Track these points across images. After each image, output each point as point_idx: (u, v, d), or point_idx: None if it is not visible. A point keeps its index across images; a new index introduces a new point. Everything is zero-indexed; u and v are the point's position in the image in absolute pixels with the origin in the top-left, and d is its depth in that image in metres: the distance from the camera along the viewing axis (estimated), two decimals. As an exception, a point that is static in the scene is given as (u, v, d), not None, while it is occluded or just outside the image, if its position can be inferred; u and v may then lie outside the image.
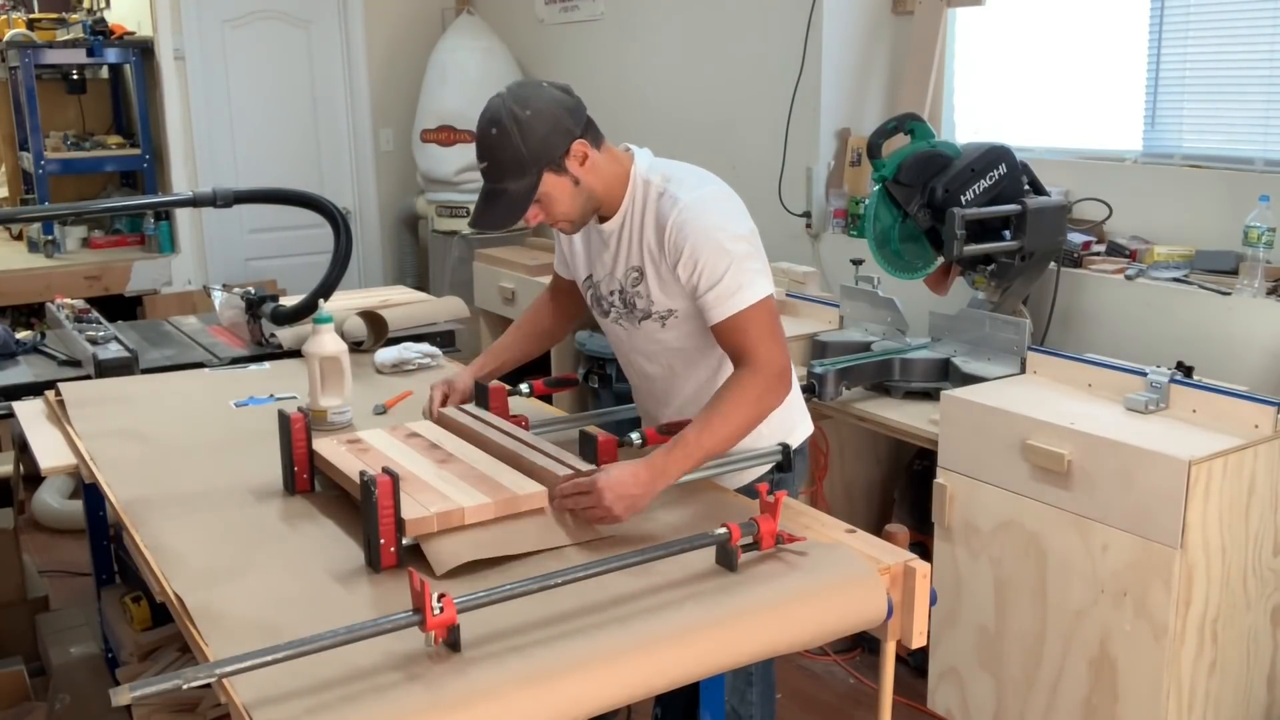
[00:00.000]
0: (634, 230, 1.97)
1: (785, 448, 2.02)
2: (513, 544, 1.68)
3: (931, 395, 2.93)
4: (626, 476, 1.72)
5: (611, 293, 2.05)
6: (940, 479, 2.69)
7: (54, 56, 5.42)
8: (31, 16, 5.72)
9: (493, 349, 2.27)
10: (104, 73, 5.92)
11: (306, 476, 1.96)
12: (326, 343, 2.23)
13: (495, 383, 2.16)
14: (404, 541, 1.65)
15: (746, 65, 4.28)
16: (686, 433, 1.79)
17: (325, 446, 1.95)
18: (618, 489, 1.71)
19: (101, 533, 3.04)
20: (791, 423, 2.11)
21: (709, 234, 1.88)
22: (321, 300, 2.39)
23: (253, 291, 3.18)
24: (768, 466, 2.03)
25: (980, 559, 2.64)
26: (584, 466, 1.81)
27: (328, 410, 2.23)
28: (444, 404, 2.14)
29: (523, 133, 1.81)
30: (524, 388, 2.27)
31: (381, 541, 1.63)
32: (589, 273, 2.10)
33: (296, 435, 1.93)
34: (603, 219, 1.99)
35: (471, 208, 5.64)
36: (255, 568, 1.67)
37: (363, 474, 1.64)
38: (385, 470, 1.63)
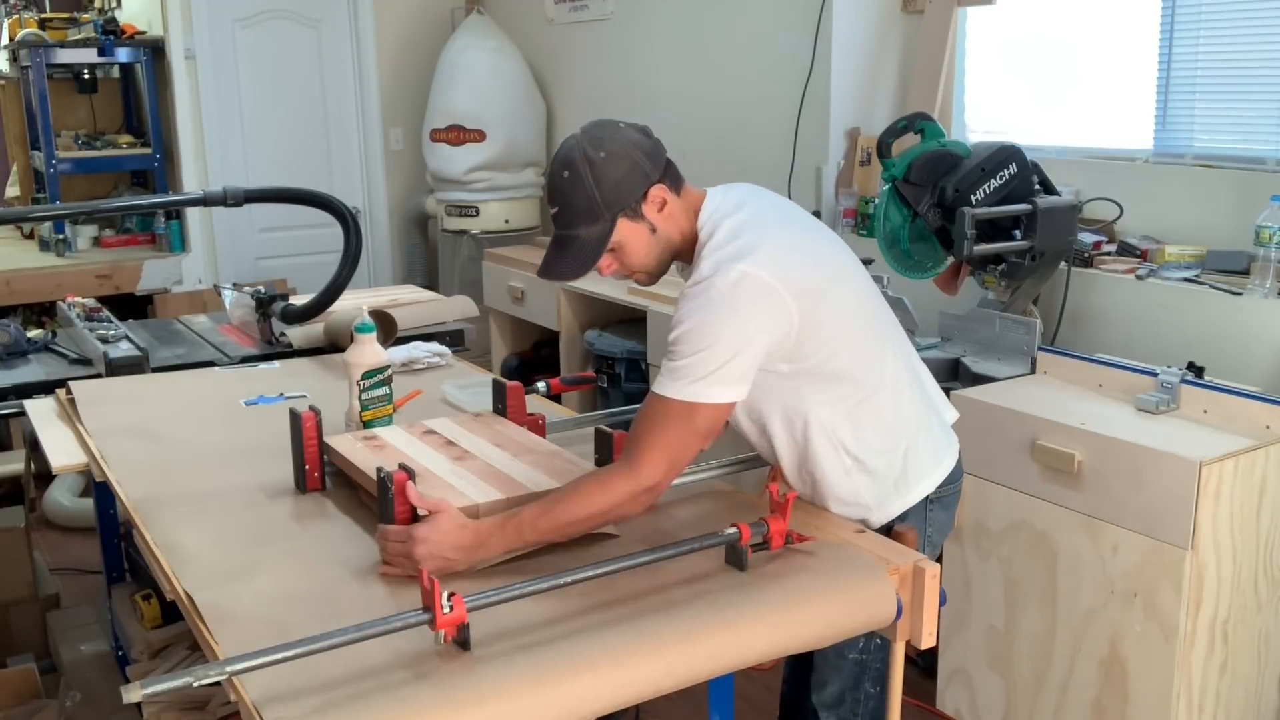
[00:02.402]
0: None
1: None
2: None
3: (941, 395, 2.92)
4: (448, 536, 1.59)
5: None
6: (950, 479, 2.69)
7: (65, 56, 5.44)
8: (43, 16, 5.75)
9: None
10: (115, 72, 5.94)
11: (318, 475, 1.96)
12: (367, 353, 2.17)
13: (512, 382, 2.16)
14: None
15: (756, 64, 4.28)
16: (525, 511, 1.63)
17: (341, 443, 1.96)
18: (433, 545, 1.58)
19: (112, 531, 3.05)
20: (907, 481, 1.86)
21: (704, 309, 1.65)
22: (364, 308, 2.36)
23: (263, 290, 3.19)
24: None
25: (990, 559, 2.63)
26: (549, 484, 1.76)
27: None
28: None
29: (596, 176, 1.70)
30: (541, 386, 2.27)
31: None
32: None
33: (308, 434, 1.94)
34: (687, 264, 1.82)
35: (480, 207, 5.71)
36: (265, 566, 1.67)
37: (380, 470, 1.64)
38: (401, 466, 1.64)
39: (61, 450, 2.27)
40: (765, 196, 1.85)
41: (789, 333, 1.70)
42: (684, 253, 1.81)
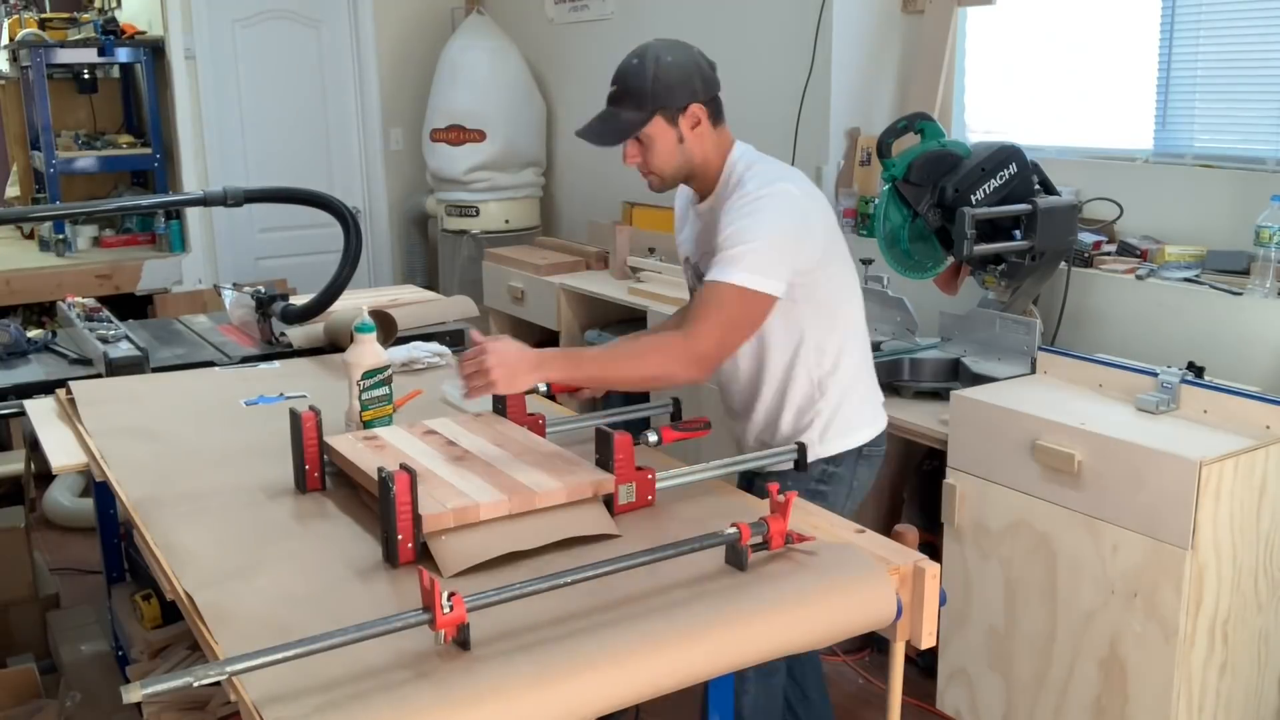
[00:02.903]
0: (717, 215, 2.04)
1: (801, 446, 2.03)
2: (522, 539, 1.68)
3: (941, 395, 2.92)
4: (514, 351, 1.85)
5: (704, 274, 2.09)
6: (950, 479, 2.69)
7: (65, 56, 5.44)
8: (43, 16, 5.75)
9: None
10: (115, 72, 5.94)
11: (318, 475, 1.96)
12: (367, 353, 2.19)
13: None
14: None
15: (756, 64, 4.28)
16: (584, 349, 1.96)
17: (341, 443, 1.96)
18: (502, 355, 1.83)
19: (112, 531, 3.05)
20: (850, 423, 2.16)
21: (749, 214, 1.94)
22: (364, 308, 2.37)
23: (263, 290, 3.18)
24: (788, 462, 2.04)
25: (990, 559, 2.63)
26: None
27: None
28: None
29: (657, 71, 1.98)
30: (541, 386, 2.27)
31: (399, 537, 1.64)
32: (688, 255, 2.20)
33: (308, 434, 1.94)
34: (701, 196, 2.11)
35: (480, 207, 5.71)
36: (265, 566, 1.67)
37: (381, 470, 1.64)
38: (403, 466, 1.64)
39: (61, 450, 2.27)
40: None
41: (815, 251, 2.01)
42: (699, 178, 2.09)
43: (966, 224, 2.76)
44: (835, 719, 2.49)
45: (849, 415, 2.17)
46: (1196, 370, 2.59)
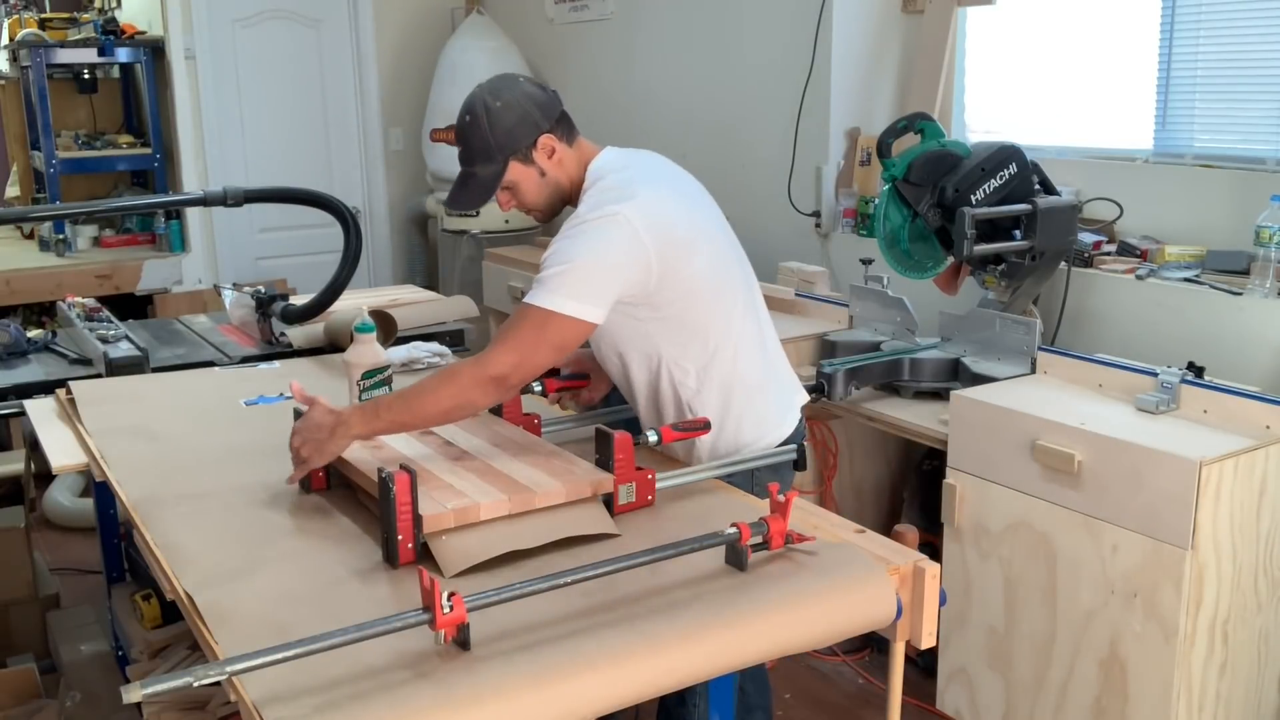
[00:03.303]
0: None
1: (800, 446, 2.03)
2: (522, 539, 1.68)
3: (941, 395, 2.92)
4: (313, 423, 1.85)
5: None
6: (950, 479, 2.69)
7: (65, 56, 5.44)
8: (43, 16, 5.75)
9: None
10: (115, 72, 5.94)
11: (322, 474, 1.96)
12: (367, 353, 2.19)
13: None
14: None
15: (756, 64, 4.28)
16: (383, 397, 1.91)
17: (339, 444, 1.96)
18: (304, 433, 1.84)
19: (112, 531, 3.05)
20: (738, 441, 2.08)
21: (575, 237, 1.87)
22: (364, 308, 2.38)
23: (263, 290, 3.19)
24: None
25: (990, 559, 2.63)
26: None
27: None
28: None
29: (491, 122, 1.93)
30: (536, 386, 2.27)
31: (400, 538, 1.64)
32: None
33: (309, 434, 1.94)
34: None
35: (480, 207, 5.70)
36: (265, 566, 1.67)
37: (381, 471, 1.64)
38: (402, 467, 1.64)
39: (61, 450, 2.27)
40: (657, 160, 2.08)
41: (648, 277, 1.89)
42: (573, 197, 2.02)
43: (966, 224, 2.75)
44: (836, 719, 2.48)
45: (732, 435, 2.06)
46: (1196, 370, 2.59)
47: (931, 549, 2.77)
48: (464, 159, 1.99)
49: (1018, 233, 2.88)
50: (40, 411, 2.51)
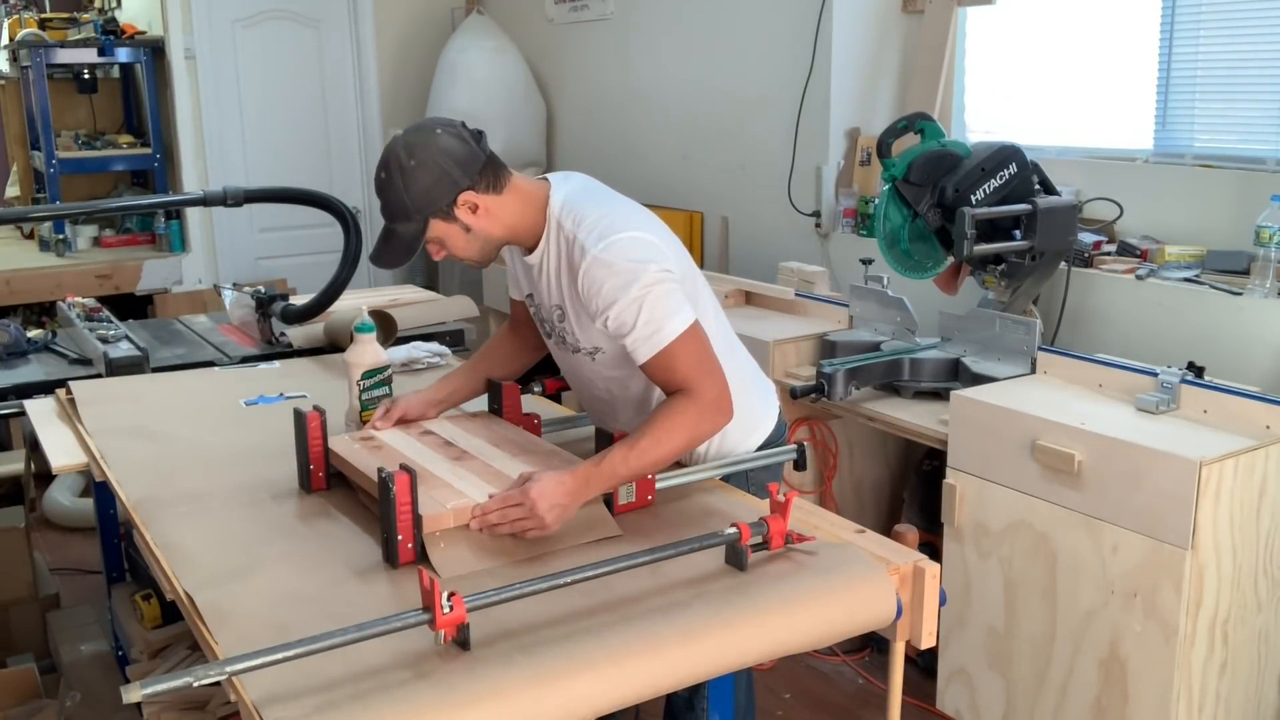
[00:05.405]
0: (552, 270, 1.95)
1: (800, 446, 2.03)
2: (518, 550, 1.69)
3: (941, 395, 2.92)
4: (556, 486, 1.71)
5: (547, 319, 2.04)
6: (950, 479, 2.69)
7: (65, 56, 5.44)
8: (43, 16, 5.75)
9: (446, 378, 2.22)
10: (115, 72, 5.94)
11: (322, 475, 1.96)
12: (367, 353, 2.18)
13: (508, 382, 2.17)
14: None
15: (756, 64, 4.28)
16: (614, 451, 1.78)
17: (340, 444, 1.96)
18: (550, 498, 1.69)
19: (112, 531, 3.05)
20: (748, 424, 2.09)
21: (617, 286, 1.83)
22: (364, 308, 2.36)
23: (263, 290, 3.19)
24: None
25: (990, 559, 2.63)
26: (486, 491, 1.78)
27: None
28: (383, 419, 2.09)
29: (406, 183, 1.83)
30: (536, 386, 2.28)
31: (400, 538, 1.64)
32: (529, 291, 2.07)
33: (312, 434, 1.94)
34: (527, 250, 1.97)
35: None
36: (265, 566, 1.67)
37: (381, 471, 1.64)
38: (402, 467, 1.64)
39: (61, 450, 2.27)
40: (602, 187, 2.03)
41: (680, 279, 1.89)
42: (517, 240, 1.95)
43: (966, 224, 2.75)
44: (836, 719, 2.48)
45: (720, 436, 2.04)
46: (1196, 370, 2.59)
47: (931, 549, 2.77)
48: (385, 214, 1.89)
49: (1018, 233, 2.88)
50: (40, 411, 2.51)
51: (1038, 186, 2.92)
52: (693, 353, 1.85)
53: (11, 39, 5.62)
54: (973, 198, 2.82)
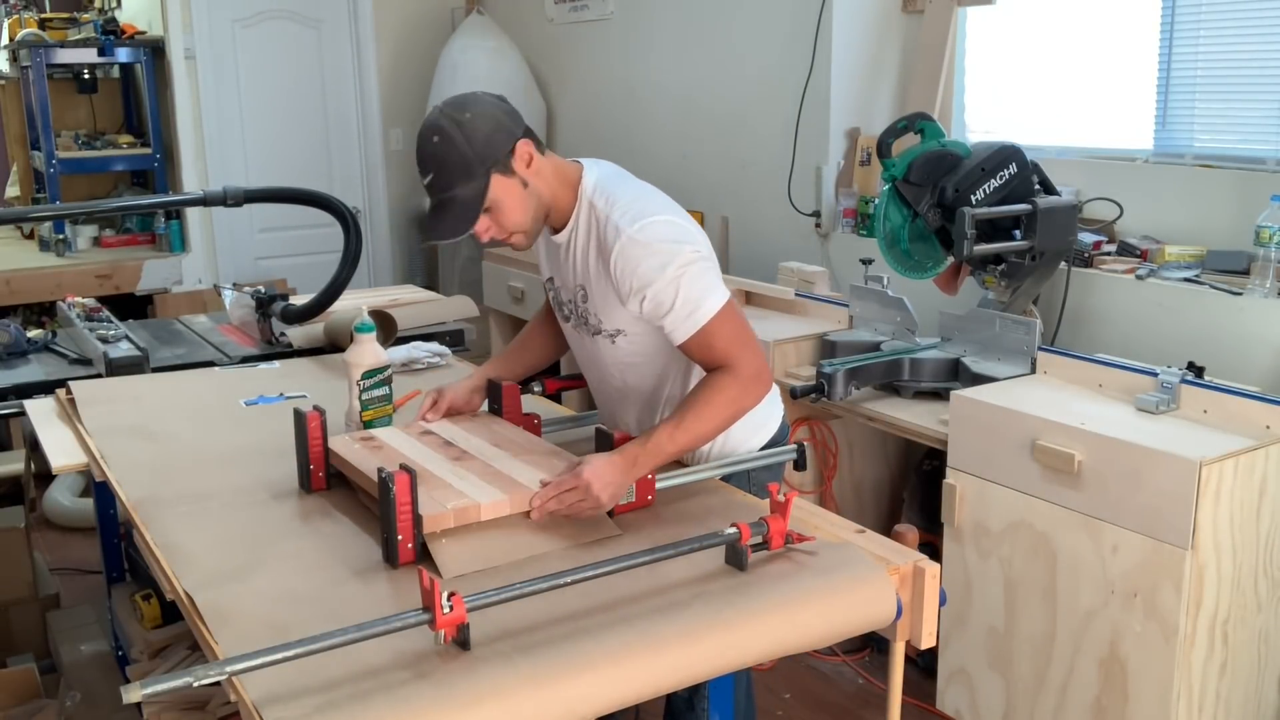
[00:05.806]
0: (580, 250, 1.96)
1: (800, 446, 2.03)
2: (519, 549, 1.68)
3: (941, 395, 2.92)
4: (608, 466, 1.75)
5: (568, 300, 2.06)
6: (950, 479, 2.69)
7: (65, 56, 5.45)
8: (43, 16, 5.76)
9: (487, 366, 2.24)
10: (115, 72, 5.94)
11: (323, 475, 1.96)
12: (367, 353, 2.18)
13: (507, 382, 2.16)
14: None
15: (756, 64, 4.28)
16: (660, 428, 1.82)
17: (340, 444, 1.96)
18: (604, 478, 1.74)
19: (112, 531, 3.05)
20: (753, 424, 2.08)
21: (654, 267, 1.85)
22: (364, 308, 2.36)
23: (263, 290, 3.19)
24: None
25: (990, 559, 2.63)
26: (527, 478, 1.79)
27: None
28: (432, 411, 2.11)
29: (466, 134, 1.82)
30: (536, 386, 2.28)
31: (400, 538, 1.64)
32: (550, 274, 2.11)
33: (312, 434, 1.94)
34: (554, 229, 1.99)
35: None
36: (265, 566, 1.67)
37: (381, 471, 1.64)
38: (402, 467, 1.64)
39: (61, 450, 2.27)
40: (631, 174, 2.03)
41: (711, 261, 1.92)
42: (556, 214, 1.95)
43: (966, 224, 2.75)
44: (835, 719, 2.48)
45: (724, 436, 2.04)
46: (1196, 370, 2.59)
47: (931, 549, 2.77)
48: (439, 184, 1.85)
49: (1018, 233, 2.88)
50: (40, 411, 2.51)
51: (1038, 186, 2.92)
52: (730, 329, 1.88)
53: (11, 39, 5.62)
54: (973, 198, 2.82)
